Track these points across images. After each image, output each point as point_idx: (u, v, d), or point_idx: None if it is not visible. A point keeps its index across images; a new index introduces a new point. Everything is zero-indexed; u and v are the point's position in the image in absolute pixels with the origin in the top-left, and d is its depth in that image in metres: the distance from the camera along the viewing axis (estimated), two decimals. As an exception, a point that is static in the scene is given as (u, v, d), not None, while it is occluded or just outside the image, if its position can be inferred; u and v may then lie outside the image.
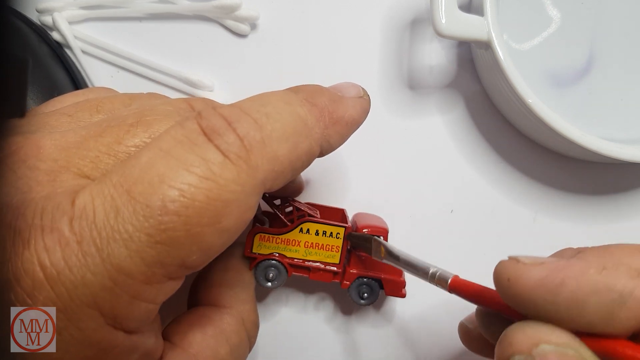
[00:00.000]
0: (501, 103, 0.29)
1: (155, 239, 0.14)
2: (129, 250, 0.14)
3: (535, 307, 0.16)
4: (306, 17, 0.30)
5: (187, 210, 0.14)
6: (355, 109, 0.20)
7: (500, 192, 0.29)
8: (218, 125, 0.16)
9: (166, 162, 0.15)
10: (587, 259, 0.16)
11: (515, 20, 0.27)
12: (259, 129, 0.16)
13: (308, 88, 0.20)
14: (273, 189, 0.17)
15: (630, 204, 0.30)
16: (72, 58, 0.30)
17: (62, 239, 0.14)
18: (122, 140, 0.17)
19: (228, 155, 0.15)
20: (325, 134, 0.19)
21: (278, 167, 0.17)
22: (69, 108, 0.20)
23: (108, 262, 0.14)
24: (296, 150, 0.17)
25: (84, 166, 0.16)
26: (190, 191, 0.15)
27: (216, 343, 0.21)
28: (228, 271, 0.24)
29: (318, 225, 0.25)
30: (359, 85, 0.21)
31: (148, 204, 0.14)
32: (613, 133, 0.27)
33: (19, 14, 0.30)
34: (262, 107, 0.17)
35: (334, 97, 0.20)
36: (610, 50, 0.27)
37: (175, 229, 0.14)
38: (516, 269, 0.17)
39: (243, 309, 0.23)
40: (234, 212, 0.15)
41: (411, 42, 0.30)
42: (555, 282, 0.15)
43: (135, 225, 0.14)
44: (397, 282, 0.26)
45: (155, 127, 0.17)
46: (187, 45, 0.30)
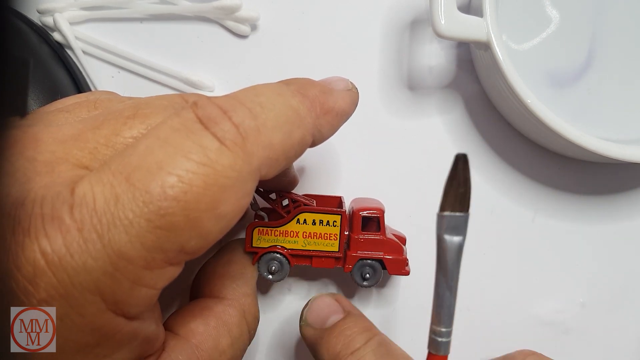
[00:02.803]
0: (500, 103, 0.29)
1: (154, 224, 0.15)
2: (130, 235, 0.14)
3: None
4: (306, 18, 0.30)
5: (185, 195, 0.15)
6: (345, 100, 0.21)
7: (500, 192, 0.29)
8: (214, 114, 0.16)
9: (164, 149, 0.15)
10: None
11: (515, 20, 0.27)
12: (254, 117, 0.17)
13: (299, 81, 0.20)
14: (268, 176, 0.18)
15: (630, 204, 0.30)
16: (73, 59, 0.30)
17: (63, 226, 0.14)
18: (120, 132, 0.17)
19: (224, 142, 0.16)
20: (317, 124, 0.19)
21: (273, 154, 0.17)
22: (68, 106, 0.20)
23: (109, 247, 0.14)
24: (290, 138, 0.18)
25: (82, 157, 0.17)
26: (189, 177, 0.15)
27: (218, 334, 0.21)
28: (230, 264, 0.25)
29: (314, 214, 0.25)
30: (347, 79, 0.22)
31: (147, 190, 0.15)
32: (612, 133, 0.27)
33: (20, 15, 0.30)
34: (255, 97, 0.18)
35: (324, 89, 0.20)
36: (609, 50, 0.27)
37: (175, 214, 0.15)
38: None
39: (245, 301, 0.23)
40: (231, 198, 0.16)
41: (411, 42, 0.30)
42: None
43: (135, 211, 0.14)
44: (399, 260, 0.26)
45: (152, 119, 0.18)
46: (187, 46, 0.30)
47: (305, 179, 0.30)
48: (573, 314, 0.29)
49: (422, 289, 0.29)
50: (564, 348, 0.29)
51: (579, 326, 0.29)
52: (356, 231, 0.26)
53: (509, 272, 0.29)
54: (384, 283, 0.29)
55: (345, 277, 0.29)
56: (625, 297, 0.29)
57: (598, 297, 0.29)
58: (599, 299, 0.29)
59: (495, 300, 0.29)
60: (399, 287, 0.29)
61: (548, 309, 0.29)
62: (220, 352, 0.21)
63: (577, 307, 0.29)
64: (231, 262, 0.25)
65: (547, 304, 0.29)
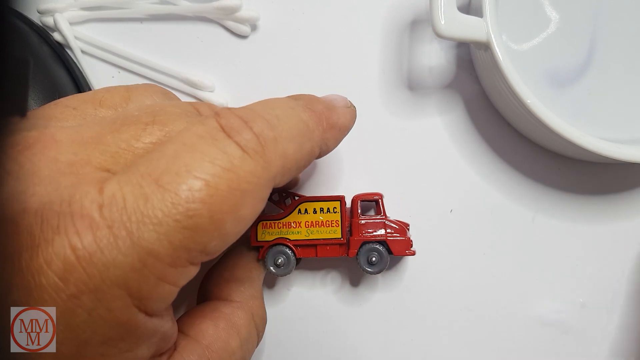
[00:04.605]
0: (500, 104, 0.29)
1: (182, 225, 0.15)
2: (158, 234, 0.15)
3: None
4: (306, 18, 0.30)
5: (211, 198, 0.16)
6: (346, 117, 0.23)
7: (500, 192, 0.29)
8: (236, 124, 0.17)
9: (191, 154, 0.16)
10: None
11: (514, 21, 0.27)
12: (272, 128, 0.18)
13: (305, 97, 0.22)
14: (281, 184, 0.19)
15: (630, 204, 0.30)
16: (73, 59, 0.30)
17: (93, 223, 0.15)
18: (140, 137, 0.18)
19: (247, 150, 0.17)
20: (324, 137, 0.21)
21: (287, 163, 0.18)
22: (72, 100, 0.20)
23: (138, 245, 0.15)
24: (301, 150, 0.19)
25: (104, 161, 0.17)
26: (215, 181, 0.16)
27: (227, 335, 0.22)
28: (237, 268, 0.25)
29: (314, 203, 0.26)
30: (345, 97, 0.24)
31: (176, 192, 0.15)
32: (612, 133, 0.27)
33: (20, 15, 0.30)
34: (271, 110, 0.19)
35: (328, 106, 0.22)
36: (609, 50, 0.27)
37: (201, 215, 0.16)
38: None
39: (253, 304, 0.24)
40: (250, 202, 0.17)
41: (411, 42, 0.30)
42: None
43: (164, 211, 0.15)
44: (403, 241, 0.26)
45: (170, 126, 0.19)
46: (187, 46, 0.30)
47: (304, 179, 0.30)
48: (573, 314, 0.29)
49: (422, 289, 0.29)
50: (564, 348, 0.29)
51: (579, 326, 0.29)
52: (356, 216, 0.26)
53: (509, 272, 0.29)
54: (388, 273, 0.29)
55: (352, 267, 0.29)
56: (625, 297, 0.29)
57: (598, 297, 0.29)
58: (599, 299, 0.29)
59: (495, 300, 0.29)
60: (404, 285, 0.29)
61: (548, 309, 0.29)
62: (230, 353, 0.21)
63: (577, 307, 0.29)
64: (237, 266, 0.26)
65: (547, 304, 0.29)
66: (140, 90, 0.22)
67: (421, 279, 0.29)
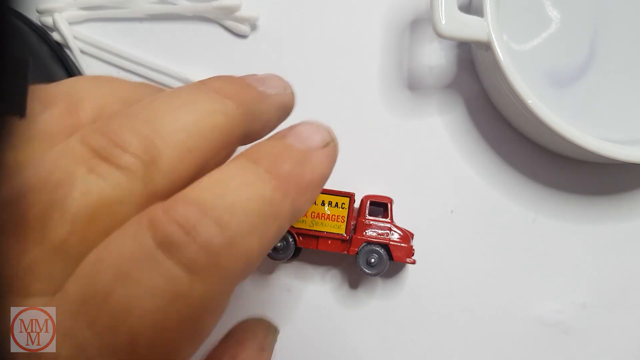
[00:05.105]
0: (501, 104, 0.29)
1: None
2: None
3: None
4: (306, 18, 0.30)
5: (161, 337, 0.13)
6: (324, 164, 0.17)
7: (500, 192, 0.29)
8: (175, 236, 0.13)
9: (128, 288, 0.13)
10: None
11: (515, 21, 0.27)
12: (223, 230, 0.14)
13: (267, 152, 0.16)
14: (247, 277, 0.16)
15: (630, 204, 0.30)
16: (72, 58, 0.30)
17: None
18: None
19: (194, 270, 0.13)
20: (295, 207, 0.16)
21: (251, 259, 0.15)
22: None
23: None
24: (266, 236, 0.15)
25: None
26: (160, 318, 0.13)
27: None
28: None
29: (324, 195, 0.26)
30: (325, 128, 0.18)
31: (114, 341, 0.13)
32: (613, 133, 0.27)
33: (19, 15, 0.30)
34: (221, 199, 0.14)
35: (299, 158, 0.16)
36: (610, 50, 0.27)
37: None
38: None
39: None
40: (210, 321, 0.15)
41: (411, 42, 0.30)
42: None
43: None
44: (405, 247, 0.26)
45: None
46: (187, 46, 0.30)
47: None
48: (573, 314, 0.29)
49: (422, 289, 0.29)
50: (564, 348, 0.29)
51: (580, 326, 0.29)
52: (363, 215, 0.26)
53: (509, 272, 0.29)
54: (388, 274, 0.29)
55: (350, 267, 0.29)
56: (625, 297, 0.29)
57: (598, 297, 0.29)
58: (599, 299, 0.29)
59: (496, 301, 0.29)
60: (404, 285, 0.29)
61: (548, 309, 0.29)
62: None
63: (578, 308, 0.29)
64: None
65: (547, 304, 0.29)
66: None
67: (421, 280, 0.29)
